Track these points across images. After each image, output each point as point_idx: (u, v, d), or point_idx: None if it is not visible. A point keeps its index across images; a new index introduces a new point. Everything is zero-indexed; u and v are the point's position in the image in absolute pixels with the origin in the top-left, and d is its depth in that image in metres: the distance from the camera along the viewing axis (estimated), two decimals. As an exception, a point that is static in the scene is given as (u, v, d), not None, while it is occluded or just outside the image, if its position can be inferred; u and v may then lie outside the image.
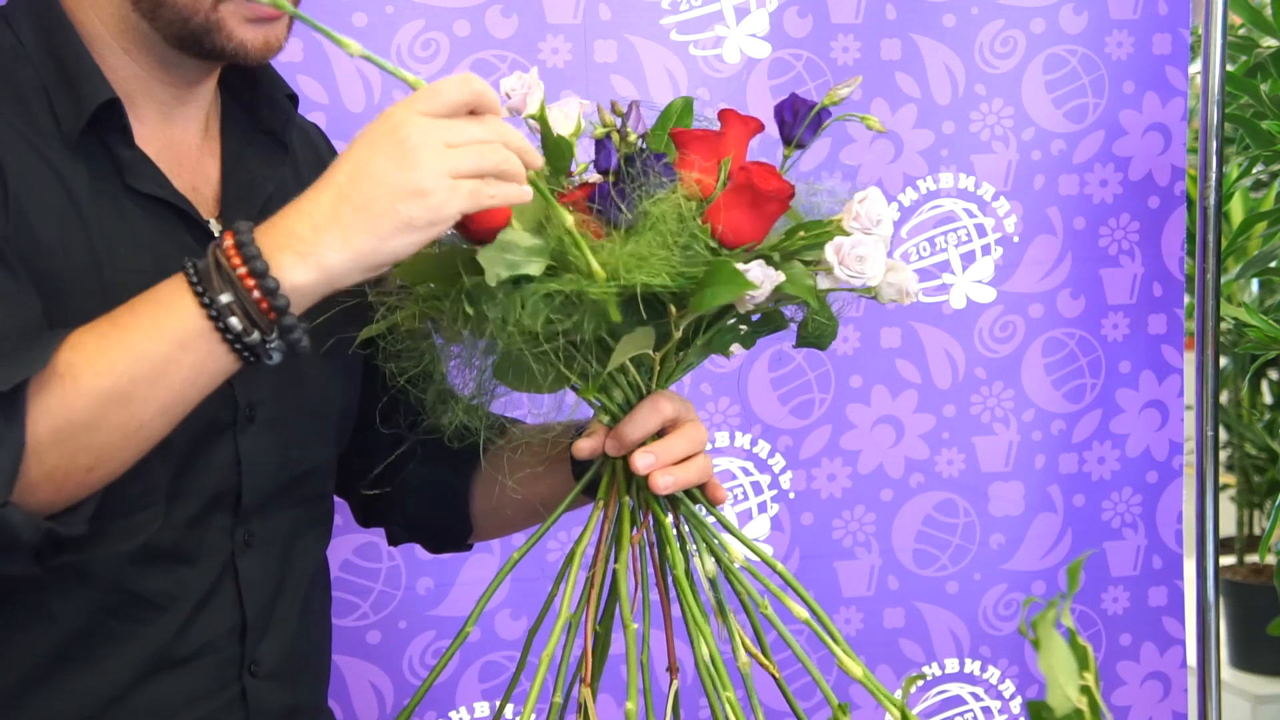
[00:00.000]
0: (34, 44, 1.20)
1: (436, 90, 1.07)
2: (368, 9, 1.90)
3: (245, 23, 1.19)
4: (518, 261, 1.11)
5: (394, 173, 1.05)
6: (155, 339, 1.05)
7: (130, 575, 1.19)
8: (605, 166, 1.17)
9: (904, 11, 2.06)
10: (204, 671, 1.24)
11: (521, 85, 1.18)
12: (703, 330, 1.21)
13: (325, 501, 1.38)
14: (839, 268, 1.16)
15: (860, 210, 1.18)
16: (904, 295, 1.20)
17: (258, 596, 1.27)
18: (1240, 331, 2.35)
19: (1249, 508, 3.87)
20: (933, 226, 2.11)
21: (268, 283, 1.04)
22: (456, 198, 1.05)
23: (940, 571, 2.14)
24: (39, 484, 1.05)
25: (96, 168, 1.19)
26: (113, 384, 1.05)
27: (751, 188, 1.16)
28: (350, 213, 1.05)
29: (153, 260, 1.19)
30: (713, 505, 1.26)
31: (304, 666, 1.34)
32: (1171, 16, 2.12)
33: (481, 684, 2.00)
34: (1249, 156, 2.50)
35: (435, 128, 1.06)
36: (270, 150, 1.32)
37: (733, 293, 1.13)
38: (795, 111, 1.23)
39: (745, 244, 1.17)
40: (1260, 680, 3.66)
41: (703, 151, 1.18)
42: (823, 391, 2.10)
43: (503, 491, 1.37)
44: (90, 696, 1.20)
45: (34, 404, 1.04)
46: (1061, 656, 0.84)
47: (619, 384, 1.22)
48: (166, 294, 1.07)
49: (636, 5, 1.98)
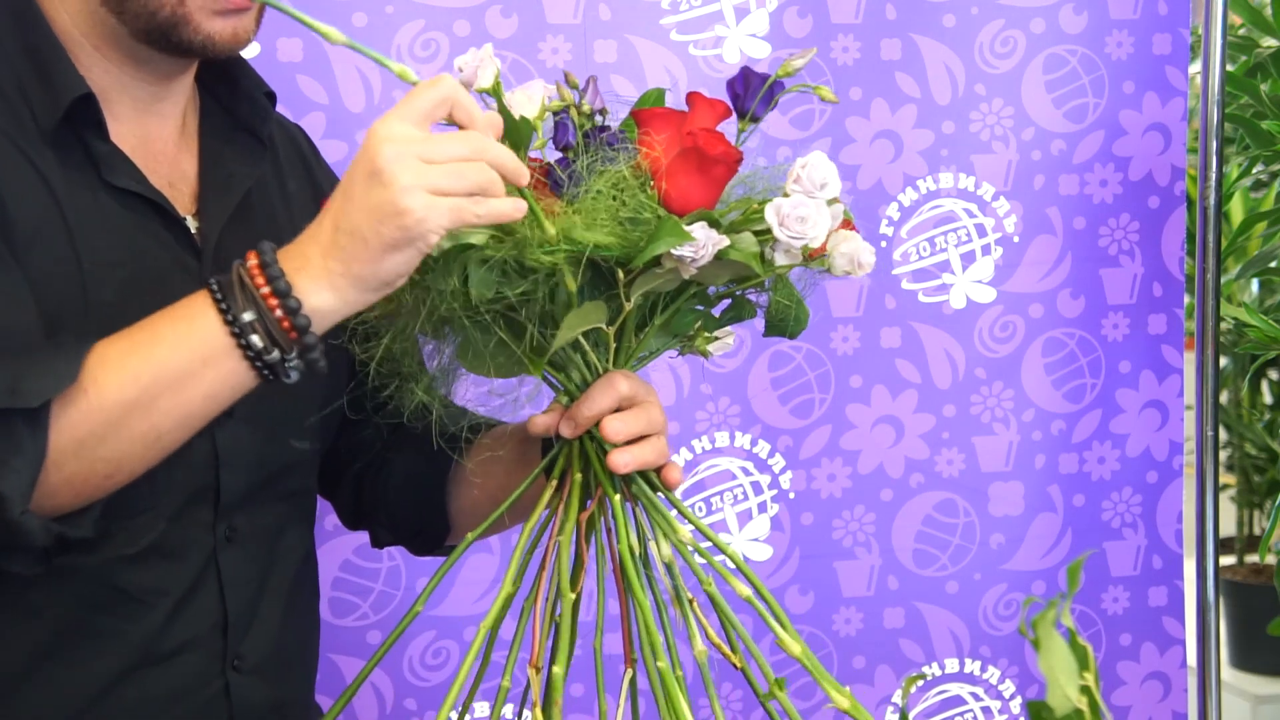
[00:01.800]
0: (9, 39, 1.20)
1: (409, 100, 1.06)
2: (368, 9, 1.90)
3: (213, 15, 1.19)
4: (461, 232, 1.10)
5: (371, 194, 1.04)
6: (177, 353, 1.07)
7: (114, 571, 1.19)
8: (563, 142, 1.17)
9: (904, 11, 2.06)
10: (188, 667, 1.24)
11: (474, 59, 1.17)
12: (660, 309, 1.20)
13: (308, 496, 1.38)
14: (779, 229, 1.15)
15: (802, 174, 1.16)
16: (856, 266, 1.19)
17: (240, 592, 1.27)
18: (1240, 331, 2.36)
19: (1249, 508, 3.87)
20: (933, 226, 2.11)
21: (290, 303, 1.06)
22: (435, 215, 1.04)
23: (940, 571, 2.14)
24: (57, 490, 1.07)
25: (72, 162, 1.19)
26: (135, 396, 1.06)
27: (698, 150, 1.15)
28: (344, 238, 1.06)
29: (129, 254, 1.20)
30: (667, 488, 1.24)
31: (289, 662, 1.34)
32: (1171, 16, 2.12)
33: (481, 684, 2.00)
34: (1249, 156, 2.50)
35: (410, 143, 1.05)
36: (249, 148, 1.32)
37: (672, 243, 1.12)
38: (747, 83, 1.22)
39: (694, 209, 1.16)
40: (1260, 680, 3.66)
41: (663, 128, 1.17)
42: (823, 391, 2.10)
43: (481, 490, 1.37)
44: (74, 693, 1.20)
45: (57, 415, 1.05)
46: (1061, 656, 0.84)
47: (575, 363, 1.21)
48: (189, 309, 1.08)
49: (636, 5, 1.98)
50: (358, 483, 1.46)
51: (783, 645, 1.18)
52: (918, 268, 2.10)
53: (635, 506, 1.23)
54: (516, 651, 1.20)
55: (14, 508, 1.04)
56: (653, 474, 1.24)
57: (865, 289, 2.08)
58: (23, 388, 1.03)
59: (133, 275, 1.19)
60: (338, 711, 1.20)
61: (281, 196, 1.35)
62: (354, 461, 1.44)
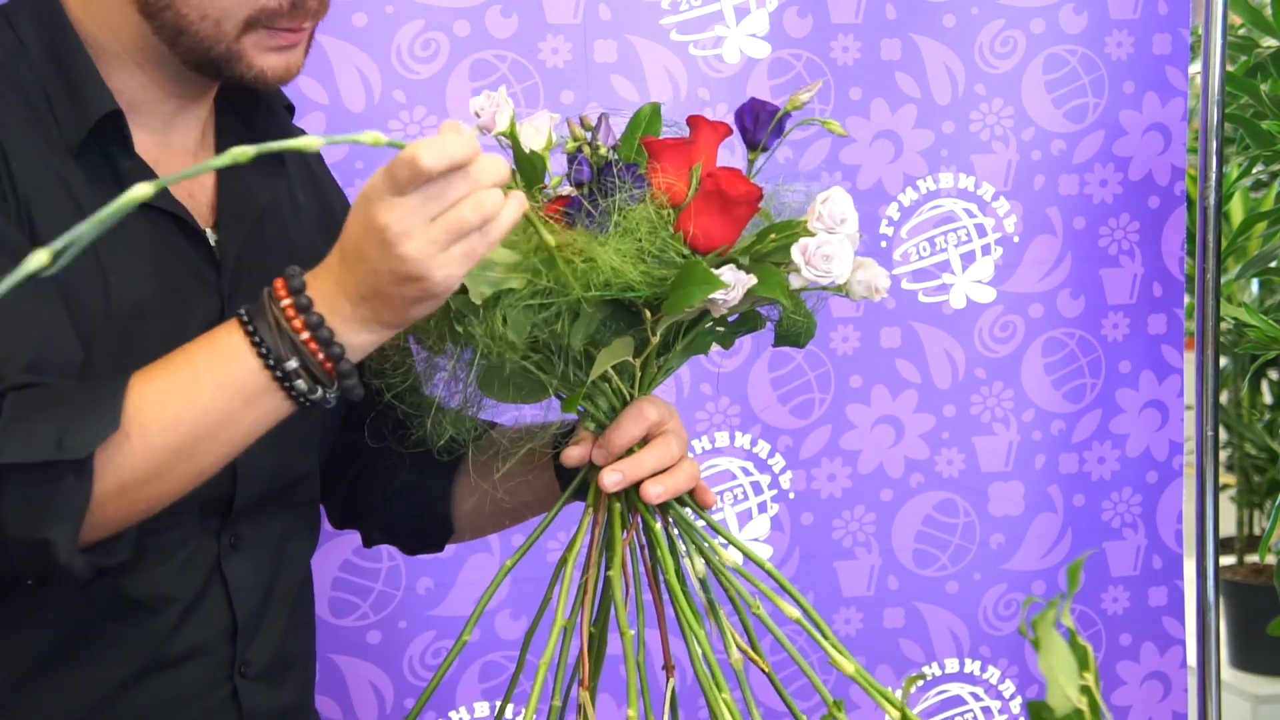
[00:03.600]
0: (36, 46, 1.19)
1: (403, 165, 1.04)
2: (368, 9, 1.90)
3: (266, 51, 1.19)
4: (500, 279, 1.14)
5: (387, 264, 1.06)
6: (219, 396, 1.08)
7: (123, 579, 1.19)
8: (580, 179, 1.18)
9: (904, 11, 2.06)
10: (196, 673, 1.24)
11: (490, 104, 1.19)
12: (681, 335, 1.23)
13: (314, 506, 1.39)
14: (806, 268, 1.17)
15: (823, 210, 1.19)
16: (874, 292, 1.22)
17: (247, 598, 1.27)
18: (1240, 331, 2.36)
19: (1249, 508, 3.87)
20: (933, 226, 2.11)
21: (334, 350, 1.08)
22: (451, 268, 1.06)
23: (940, 571, 2.14)
24: (98, 527, 1.08)
25: (96, 174, 1.19)
26: (179, 441, 1.08)
27: (720, 193, 1.17)
28: (370, 296, 1.08)
29: (152, 267, 1.20)
30: (702, 509, 1.27)
31: (293, 666, 1.34)
32: (1171, 16, 2.12)
33: (481, 684, 2.00)
34: (1249, 156, 2.50)
35: (411, 209, 1.05)
36: (266, 161, 1.32)
37: (705, 292, 1.14)
38: (755, 116, 1.24)
39: (717, 248, 1.18)
40: (1260, 680, 3.66)
41: (674, 160, 1.20)
42: (823, 391, 2.10)
43: (484, 493, 1.37)
44: (83, 699, 1.20)
45: (102, 462, 1.05)
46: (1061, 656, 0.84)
47: (603, 392, 1.24)
48: (226, 348, 1.09)
49: (636, 5, 1.98)
50: (352, 485, 1.46)
51: (836, 664, 1.21)
52: (918, 268, 2.10)
53: (669, 528, 1.25)
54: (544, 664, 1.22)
55: (62, 554, 1.05)
56: (686, 496, 1.26)
57: (865, 289, 2.08)
58: (68, 441, 1.03)
59: (155, 288, 1.20)
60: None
61: (292, 208, 1.35)
62: (350, 465, 1.44)
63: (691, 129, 1.22)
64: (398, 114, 1.91)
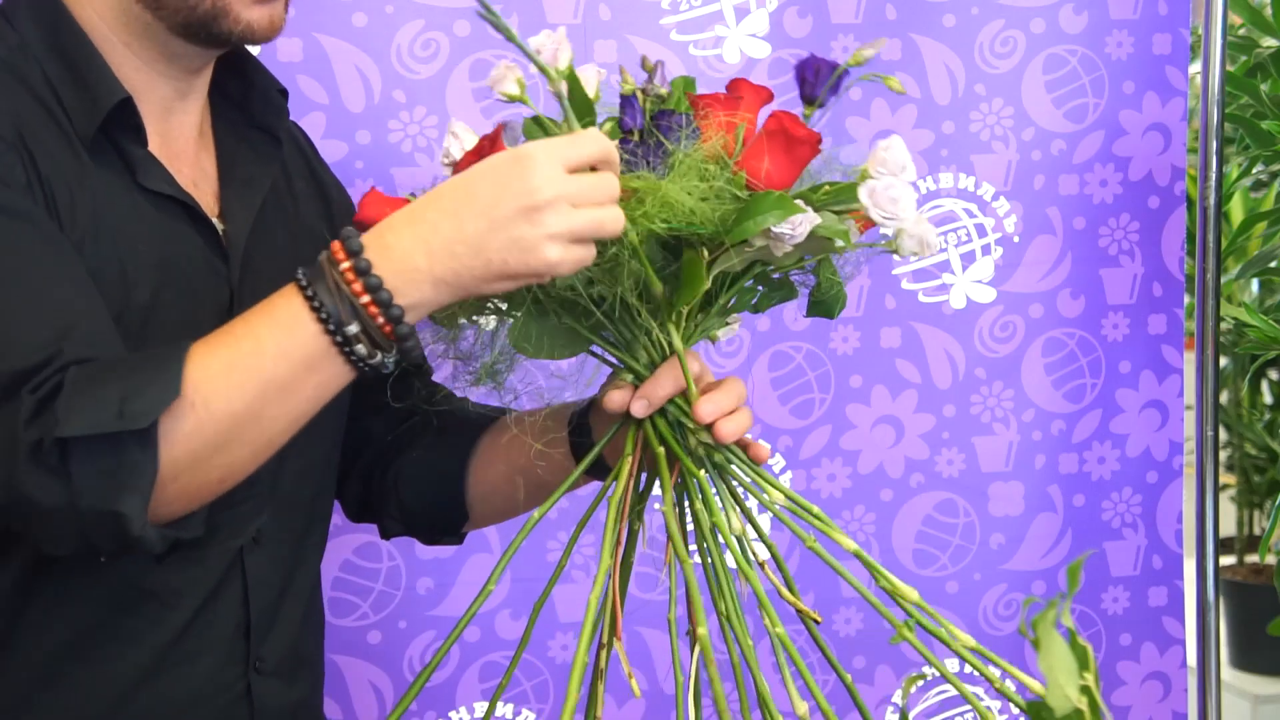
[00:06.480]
0: (39, 42, 1.20)
1: (574, 144, 1.08)
2: (368, 9, 1.90)
3: (250, 4, 1.20)
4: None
5: (517, 227, 1.06)
6: (281, 362, 1.07)
7: (141, 572, 1.20)
8: (631, 124, 1.19)
9: (904, 11, 2.06)
10: (211, 668, 1.25)
11: (551, 42, 1.19)
12: (725, 288, 1.23)
13: (329, 500, 1.39)
14: (873, 209, 1.19)
15: (886, 156, 1.21)
16: (924, 247, 1.22)
17: (264, 593, 1.27)
18: (1240, 331, 2.36)
19: (1249, 508, 3.87)
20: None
21: (393, 312, 1.07)
22: (565, 266, 1.08)
23: (940, 571, 2.14)
24: (173, 500, 1.07)
25: (109, 165, 1.19)
26: (244, 408, 1.07)
27: (784, 132, 1.19)
28: (465, 252, 1.07)
29: (163, 257, 1.20)
30: (755, 463, 1.27)
31: (305, 662, 1.35)
32: (1171, 16, 2.12)
33: (481, 684, 2.00)
34: (1249, 156, 2.50)
35: (566, 184, 1.07)
36: (263, 146, 1.33)
37: (779, 217, 1.15)
38: (817, 71, 1.25)
39: (776, 189, 1.19)
40: (1260, 680, 3.66)
41: (724, 107, 1.21)
42: (823, 391, 2.10)
43: (499, 474, 1.37)
44: (99, 693, 1.21)
45: (166, 430, 1.05)
46: (1061, 656, 0.84)
47: (642, 343, 1.23)
48: (286, 315, 1.08)
49: (636, 5, 1.98)
50: (367, 475, 1.46)
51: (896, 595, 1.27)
52: (918, 268, 2.10)
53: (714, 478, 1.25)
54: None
55: (134, 526, 1.04)
56: (735, 447, 1.26)
57: (865, 289, 2.08)
58: (129, 409, 1.03)
59: (167, 277, 1.20)
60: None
61: (290, 194, 1.36)
62: (362, 453, 1.44)
63: (735, 91, 1.23)
64: (398, 114, 1.91)
